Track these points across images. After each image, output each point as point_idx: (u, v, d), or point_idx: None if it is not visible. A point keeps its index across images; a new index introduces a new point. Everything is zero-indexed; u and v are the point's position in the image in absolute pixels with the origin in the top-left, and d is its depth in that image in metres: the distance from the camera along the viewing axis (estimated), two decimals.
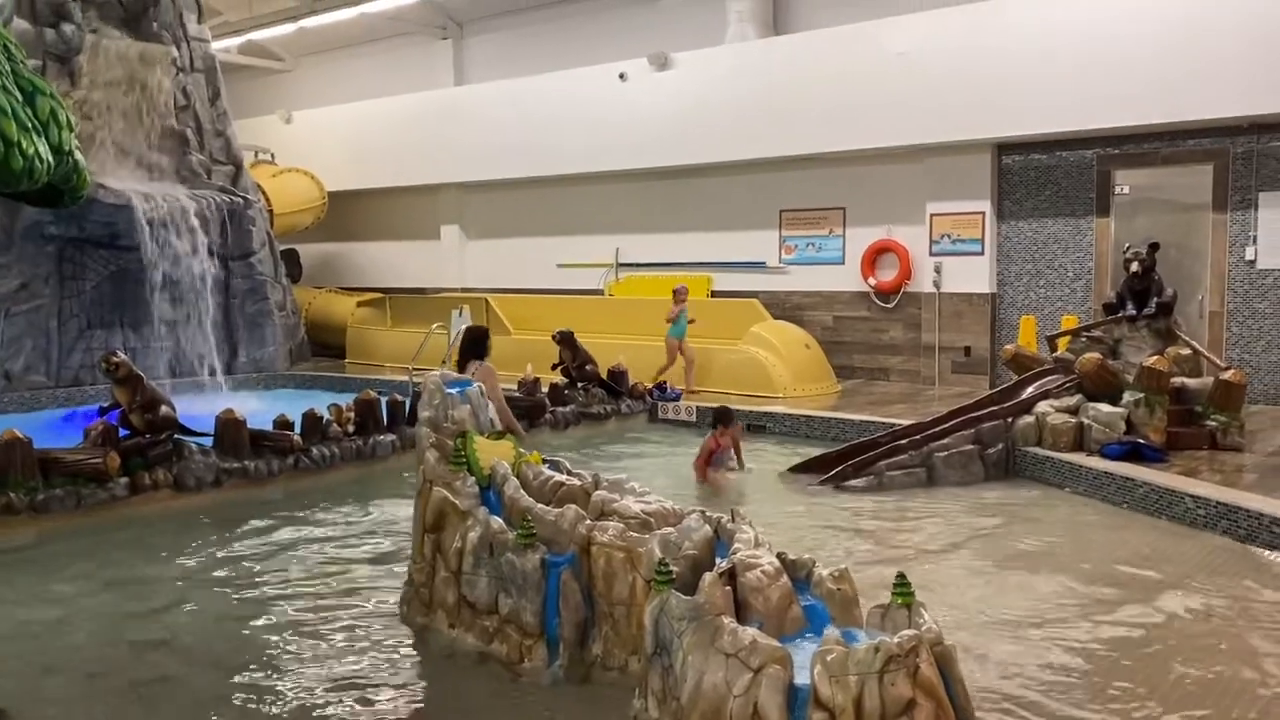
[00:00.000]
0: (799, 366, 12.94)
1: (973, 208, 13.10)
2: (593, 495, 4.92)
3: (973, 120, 12.51)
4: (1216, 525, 6.72)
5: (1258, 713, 4.19)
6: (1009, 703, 4.37)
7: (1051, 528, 7.19)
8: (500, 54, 18.40)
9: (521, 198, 17.92)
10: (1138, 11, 11.31)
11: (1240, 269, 11.49)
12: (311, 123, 19.98)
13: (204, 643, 5.22)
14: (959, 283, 13.29)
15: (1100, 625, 5.24)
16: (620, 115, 15.48)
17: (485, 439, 5.35)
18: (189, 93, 14.96)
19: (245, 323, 15.55)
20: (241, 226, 15.33)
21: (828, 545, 6.86)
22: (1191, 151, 11.73)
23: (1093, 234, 12.37)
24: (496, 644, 4.73)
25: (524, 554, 4.64)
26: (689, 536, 4.48)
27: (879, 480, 8.49)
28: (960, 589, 5.89)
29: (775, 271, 15.09)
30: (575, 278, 17.23)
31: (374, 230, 20.34)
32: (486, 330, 8.58)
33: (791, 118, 13.80)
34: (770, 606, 4.07)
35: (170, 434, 7.63)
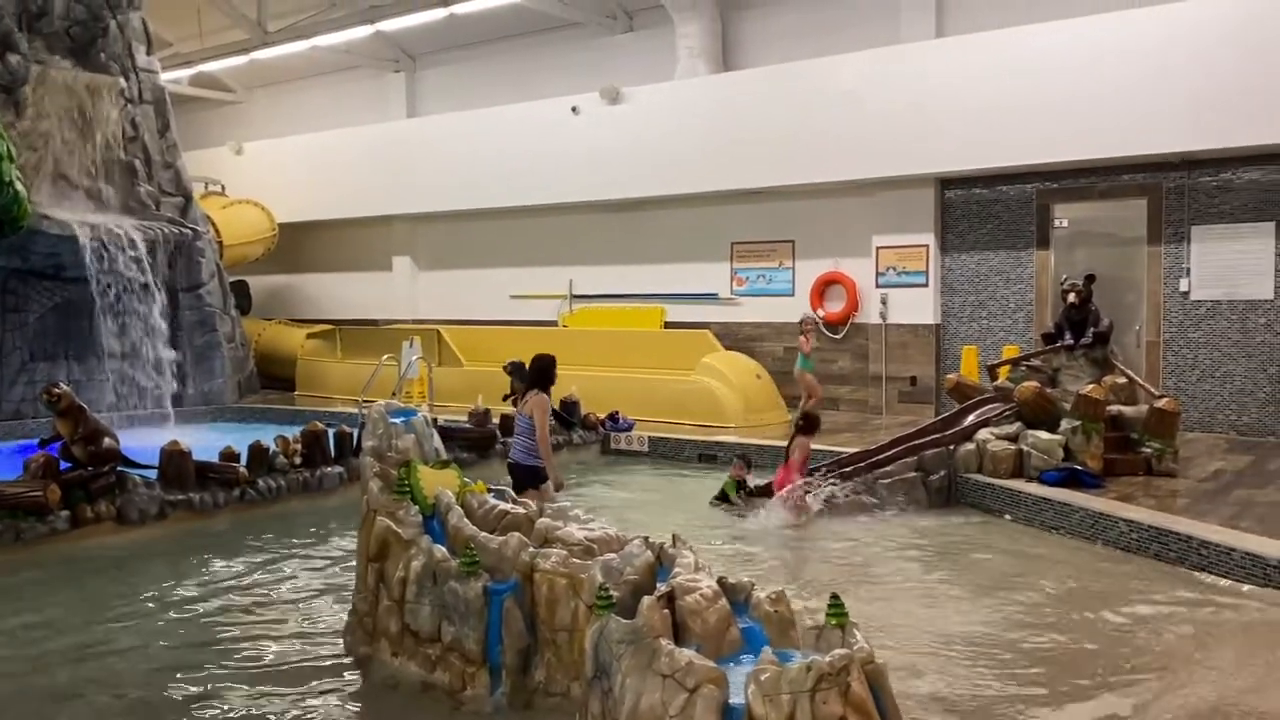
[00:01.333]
0: (750, 396, 13.08)
1: (917, 240, 13.38)
2: (536, 523, 4.96)
3: (916, 155, 12.80)
4: (1149, 548, 6.90)
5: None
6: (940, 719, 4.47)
7: (989, 552, 7.34)
8: (453, 87, 18.51)
9: (474, 229, 17.98)
10: (1075, 51, 11.66)
11: (1175, 300, 11.83)
12: (263, 154, 19.92)
13: (139, 675, 5.17)
14: (905, 314, 13.54)
15: (1031, 644, 5.36)
16: (573, 148, 15.63)
17: (429, 468, 5.37)
18: (137, 124, 14.88)
19: (193, 355, 15.40)
20: (190, 258, 15.24)
21: (768, 569, 6.94)
22: (1126, 186, 12.09)
23: (1033, 266, 12.68)
24: (439, 672, 4.74)
25: (467, 582, 4.67)
26: (630, 562, 4.54)
27: (826, 507, 8.59)
28: (898, 611, 6.00)
29: (727, 303, 15.26)
30: (529, 309, 17.29)
31: (325, 261, 20.27)
32: (553, 359, 7.97)
33: (741, 152, 14.02)
34: (708, 629, 4.13)
35: (113, 466, 7.55)
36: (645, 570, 4.50)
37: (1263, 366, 11.35)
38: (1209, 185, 11.58)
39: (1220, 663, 5.02)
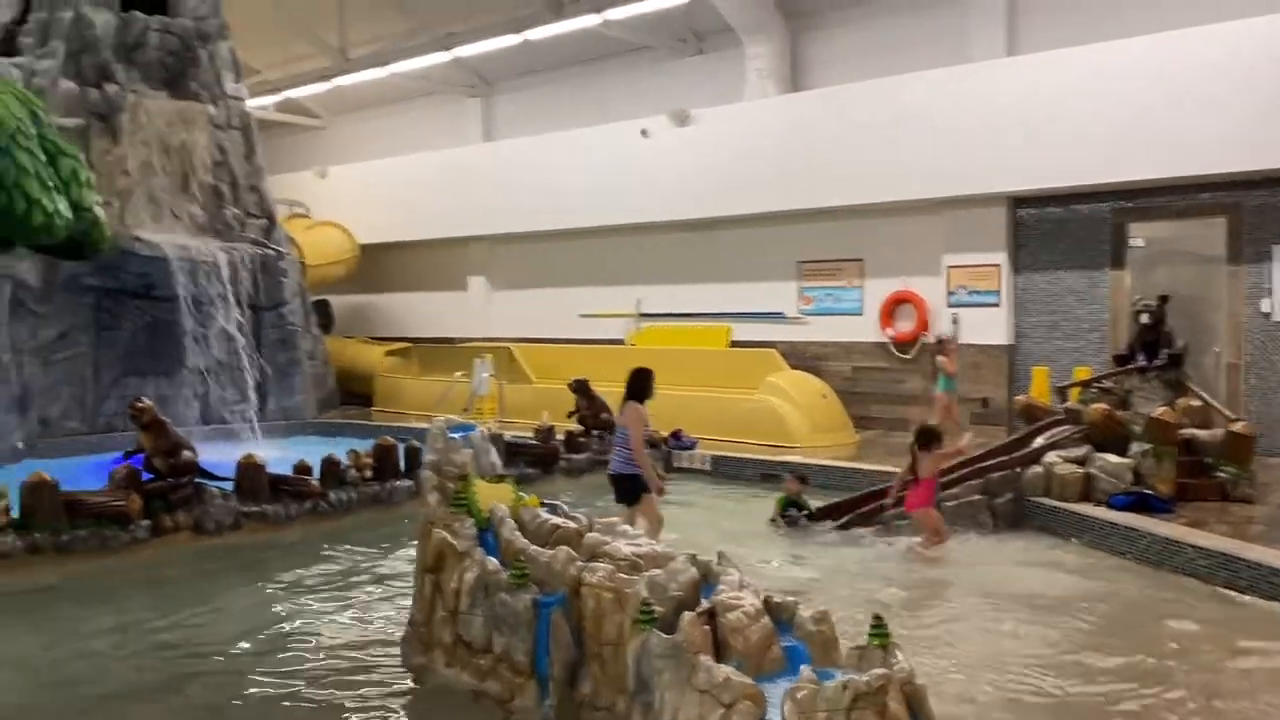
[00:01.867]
0: (816, 416, 13.05)
1: (989, 260, 13.23)
2: (585, 537, 5.07)
3: (988, 174, 12.68)
4: (1218, 575, 6.73)
5: None
6: None
7: (1053, 577, 7.22)
8: (528, 111, 18.87)
9: (546, 249, 18.27)
10: (1150, 67, 11.47)
11: (1256, 321, 11.50)
12: (345, 178, 20.54)
13: (211, 676, 5.40)
14: (976, 334, 13.37)
15: (1090, 672, 5.28)
16: (642, 170, 15.82)
17: (486, 482, 5.52)
18: (225, 149, 15.46)
19: (275, 371, 15.86)
20: (273, 278, 15.73)
21: (832, 590, 6.93)
22: (1205, 204, 11.81)
23: (1108, 286, 12.44)
24: (490, 682, 4.87)
25: (516, 594, 4.79)
26: (675, 578, 4.60)
27: (885, 530, 8.55)
28: (956, 633, 5.95)
29: (794, 322, 15.24)
30: (598, 327, 17.47)
31: (404, 281, 20.77)
32: (650, 372, 8.15)
33: (809, 171, 14.05)
34: (749, 646, 4.19)
35: (191, 478, 7.87)
36: (689, 587, 4.56)
37: None
38: None
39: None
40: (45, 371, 13.59)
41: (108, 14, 14.26)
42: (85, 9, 14.04)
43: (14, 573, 6.86)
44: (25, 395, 13.30)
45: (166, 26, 14.73)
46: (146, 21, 14.54)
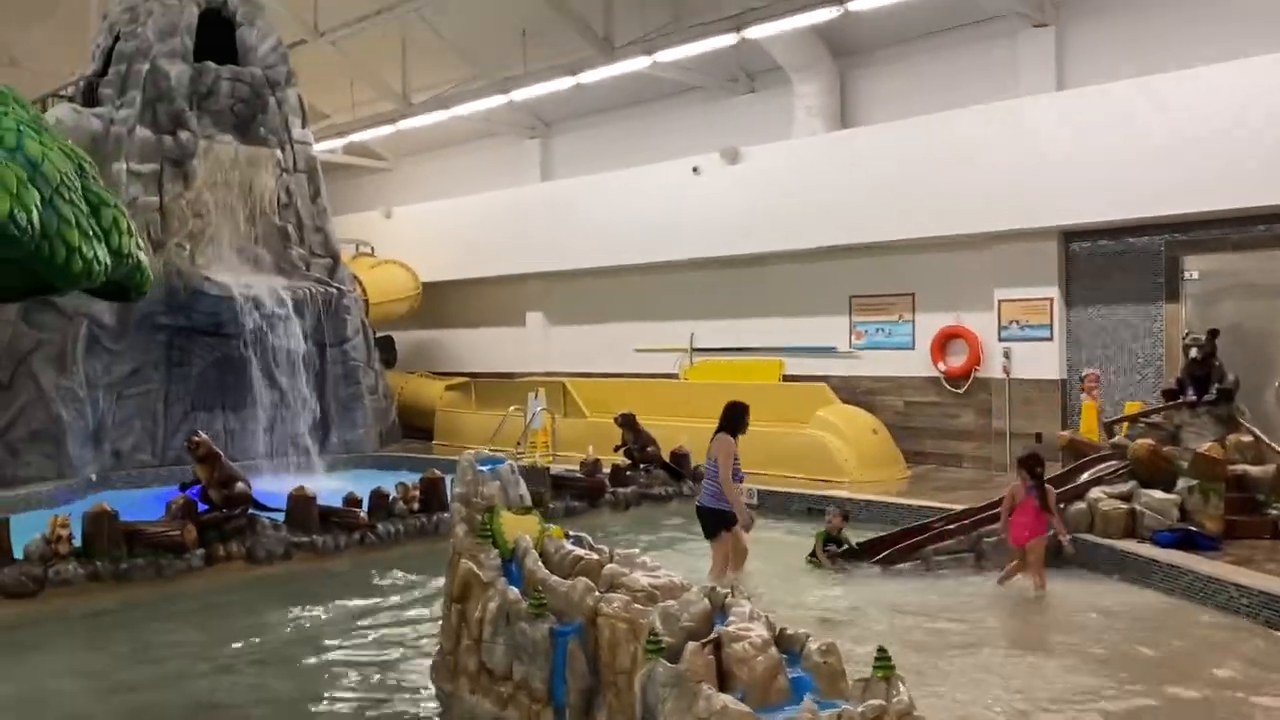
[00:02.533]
0: (865, 451, 13.02)
1: (1041, 294, 13.12)
2: (604, 569, 5.20)
3: (1038, 208, 12.62)
4: (1259, 614, 6.61)
5: None
6: None
7: (1089, 615, 7.14)
8: (584, 151, 19.25)
9: (602, 285, 18.54)
10: (1199, 99, 11.36)
11: None
12: (409, 217, 21.13)
13: (255, 697, 5.65)
14: (1029, 369, 13.25)
15: (1115, 706, 5.24)
16: (694, 206, 16.02)
17: (512, 514, 5.70)
18: (291, 191, 16.07)
19: (338, 405, 16.33)
20: (337, 315, 16.24)
21: (861, 625, 6.96)
22: (1261, 236, 11.61)
23: (1162, 320, 12.26)
24: (510, 710, 5.01)
25: (534, 624, 4.94)
26: (687, 609, 4.71)
27: (925, 565, 8.53)
28: (983, 672, 5.94)
29: (846, 356, 15.25)
30: (652, 362, 17.65)
31: (465, 318, 21.23)
32: (745, 406, 8.37)
33: (859, 207, 14.11)
34: (755, 676, 4.27)
35: (245, 509, 8.19)
36: (701, 618, 4.66)
37: None
38: None
39: None
40: (118, 406, 14.19)
41: (182, 65, 14.97)
42: (161, 61, 14.76)
43: (75, 598, 7.23)
44: (99, 429, 13.91)
45: (237, 75, 15.40)
46: (218, 71, 15.22)
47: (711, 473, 7.99)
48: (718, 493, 7.86)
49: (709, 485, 7.97)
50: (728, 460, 7.77)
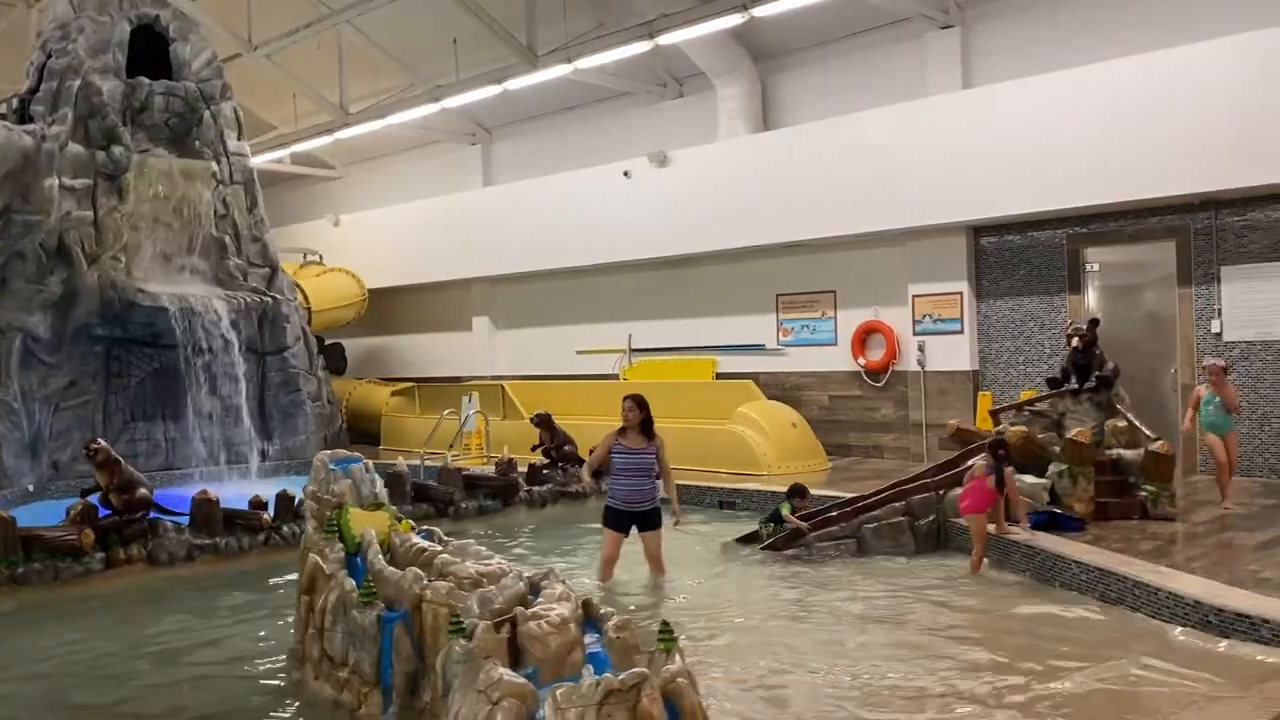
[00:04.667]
0: (785, 444, 13.35)
1: (951, 288, 13.48)
2: (437, 558, 5.50)
3: (948, 204, 12.97)
4: (1095, 589, 6.94)
5: None
6: None
7: (945, 595, 7.46)
8: (523, 156, 19.54)
9: (545, 289, 18.85)
10: (1098, 96, 11.68)
11: (1207, 341, 11.60)
12: (357, 225, 21.39)
13: (132, 689, 5.93)
14: (942, 361, 13.61)
15: (925, 679, 5.56)
16: (627, 210, 16.34)
17: (361, 510, 5.99)
18: (228, 203, 16.30)
19: (279, 413, 16.56)
20: (276, 324, 16.47)
21: (735, 609, 7.28)
22: (1155, 229, 11.98)
23: (1066, 310, 12.61)
24: (345, 693, 5.31)
25: (364, 611, 5.24)
26: (502, 593, 5.03)
27: (809, 551, 8.85)
28: (812, 641, 6.27)
29: (774, 353, 15.59)
30: (595, 363, 17.95)
31: (414, 323, 21.50)
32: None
33: (782, 207, 14.44)
34: (548, 652, 4.57)
35: (145, 513, 8.45)
36: (513, 600, 4.97)
37: None
38: (1236, 225, 11.39)
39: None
40: (56, 418, 14.40)
41: (114, 80, 15.19)
42: (93, 77, 14.98)
43: None
44: (36, 441, 14.13)
45: (171, 90, 15.62)
46: (151, 86, 15.44)
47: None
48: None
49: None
50: (600, 446, 7.95)
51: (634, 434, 7.92)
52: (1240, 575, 6.65)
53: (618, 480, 7.93)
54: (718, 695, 5.38)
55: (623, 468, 7.91)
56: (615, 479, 7.95)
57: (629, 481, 7.89)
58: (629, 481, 7.89)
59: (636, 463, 7.89)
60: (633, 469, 7.89)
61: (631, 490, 7.90)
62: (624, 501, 7.91)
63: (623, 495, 7.92)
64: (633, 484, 7.91)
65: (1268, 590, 6.19)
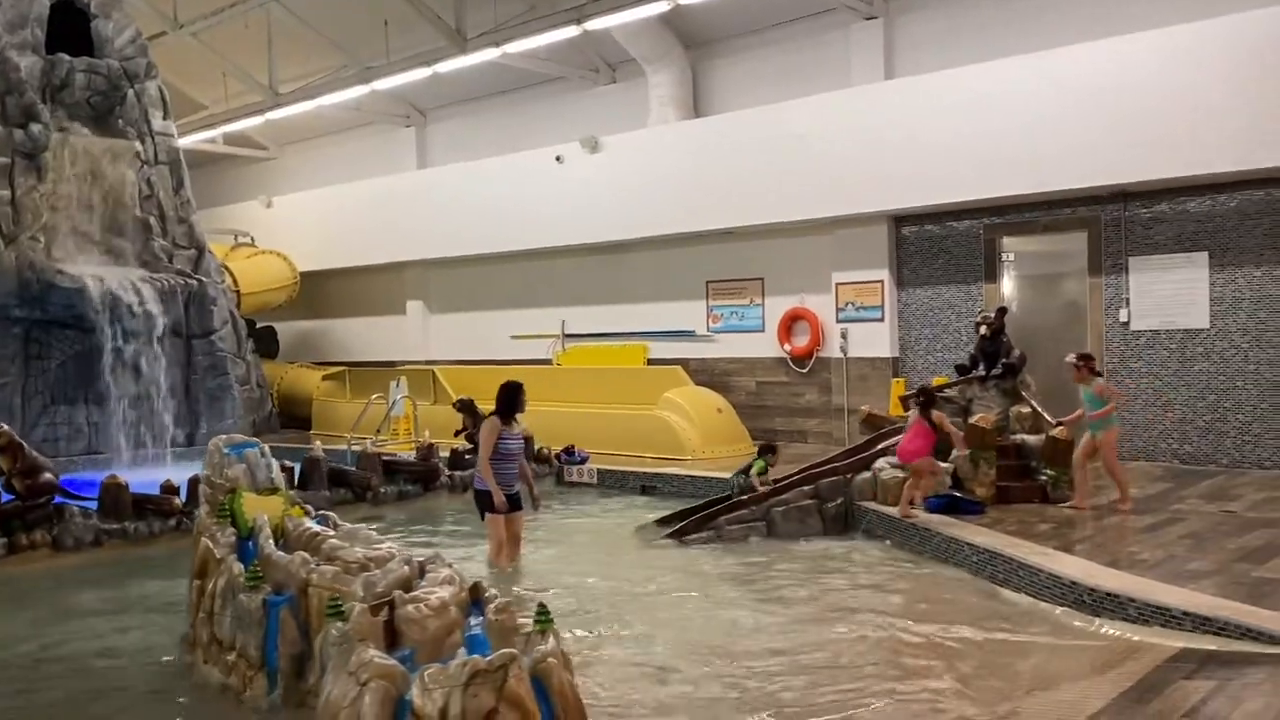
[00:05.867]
0: (709, 430, 13.50)
1: (873, 276, 13.70)
2: (326, 543, 5.55)
3: (869, 194, 13.15)
4: (984, 570, 7.16)
5: None
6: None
7: (845, 576, 7.65)
8: (459, 139, 19.45)
9: (479, 273, 18.81)
10: (1015, 89, 11.88)
11: (1116, 330, 11.93)
12: (290, 206, 21.15)
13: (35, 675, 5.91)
14: (863, 348, 13.84)
15: (800, 659, 5.71)
16: (559, 195, 16.35)
17: (255, 495, 6.01)
18: (153, 183, 16.05)
19: (206, 397, 16.38)
20: (203, 306, 16.27)
21: (640, 592, 7.40)
22: (1067, 219, 12.27)
23: (983, 299, 12.87)
24: (232, 676, 5.34)
25: (250, 594, 5.27)
26: (386, 576, 5.09)
27: (718, 534, 9.00)
28: (693, 621, 6.42)
29: (704, 340, 15.73)
30: (529, 349, 17.97)
31: (348, 307, 21.35)
32: (518, 386, 8.30)
33: (709, 194, 14.55)
34: (426, 635, 4.66)
35: (50, 498, 8.36)
36: (397, 583, 5.04)
37: (1201, 395, 11.38)
38: (1144, 217, 11.71)
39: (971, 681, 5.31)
40: None
41: (33, 57, 14.89)
42: (10, 53, 14.66)
43: None
44: None
45: (93, 67, 15.32)
46: (72, 63, 15.15)
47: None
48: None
49: (479, 468, 8.18)
50: (487, 440, 7.94)
51: (511, 420, 8.18)
52: (1119, 557, 6.90)
53: (504, 464, 8.08)
54: (604, 676, 5.49)
55: (509, 452, 8.12)
56: (503, 463, 8.06)
57: (511, 465, 8.17)
58: (511, 465, 8.17)
59: (517, 448, 8.24)
60: (515, 453, 8.21)
61: (512, 473, 8.19)
62: (509, 485, 8.13)
63: (508, 479, 8.12)
64: (513, 467, 8.20)
65: (1141, 570, 6.44)
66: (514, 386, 8.23)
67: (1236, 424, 11.18)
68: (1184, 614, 5.47)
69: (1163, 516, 8.41)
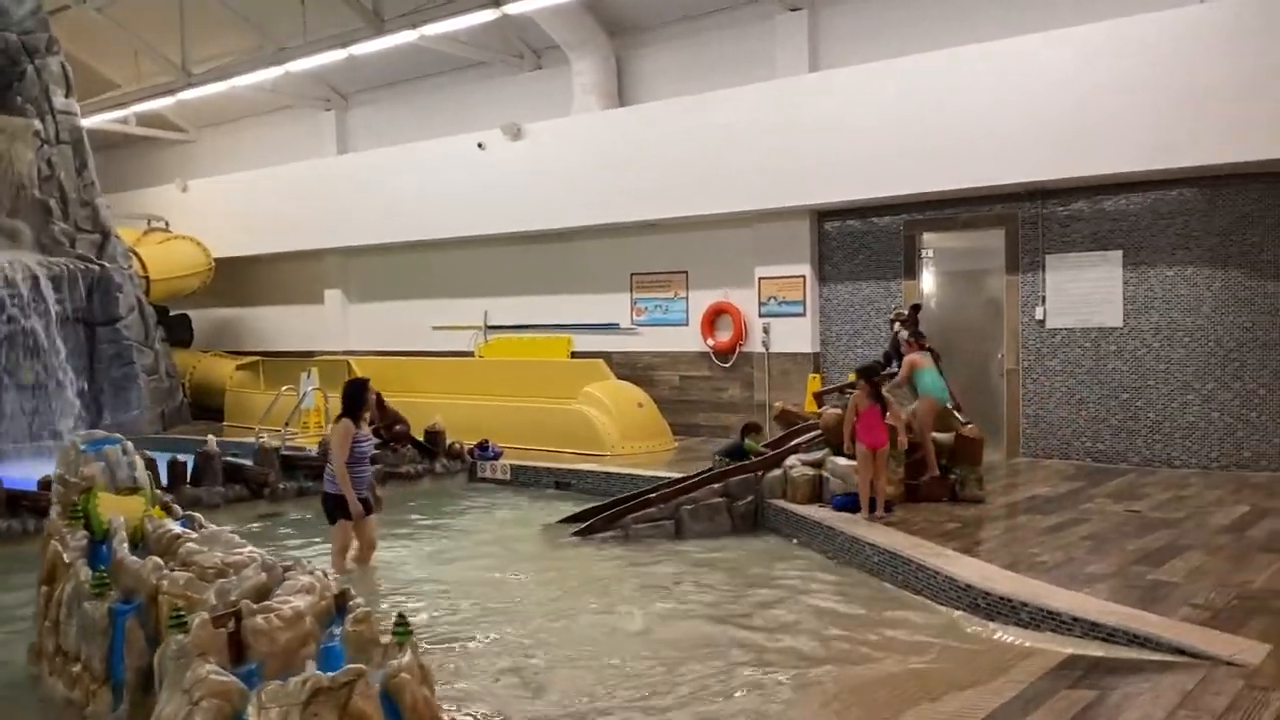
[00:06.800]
0: (629, 424, 13.29)
1: (795, 271, 13.58)
2: (183, 547, 5.20)
3: (792, 188, 13.00)
4: (884, 571, 7.04)
5: None
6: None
7: (746, 577, 7.47)
8: (380, 123, 18.97)
9: (400, 262, 18.37)
10: (935, 84, 11.79)
11: (1032, 328, 11.93)
12: (207, 191, 20.47)
13: None
14: (786, 343, 13.72)
15: (693, 663, 5.52)
16: (481, 183, 15.98)
17: (113, 495, 5.64)
18: (54, 164, 15.37)
19: (111, 387, 15.78)
20: (107, 293, 15.63)
21: (529, 594, 7.15)
22: (985, 216, 12.24)
23: (902, 295, 12.79)
24: (76, 690, 4.99)
25: (95, 603, 4.92)
26: (241, 584, 4.77)
27: (625, 533, 8.79)
28: (600, 634, 6.17)
29: (628, 333, 15.51)
30: (451, 340, 17.60)
31: (265, 295, 20.76)
32: (363, 383, 7.97)
33: (633, 185, 14.30)
34: (276, 647, 4.34)
35: None
36: (252, 591, 4.72)
37: (1114, 393, 11.42)
38: (1061, 215, 11.72)
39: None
40: None
41: None
42: None
43: None
44: None
45: None
46: None
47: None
48: (334, 476, 7.76)
49: (328, 469, 7.82)
50: (342, 445, 7.56)
51: (363, 422, 7.90)
52: (1020, 559, 6.81)
53: (358, 467, 7.74)
54: (473, 686, 5.24)
55: (363, 455, 7.85)
56: (357, 466, 7.73)
57: (364, 468, 7.91)
58: (364, 468, 7.91)
59: (369, 450, 8.02)
60: (368, 456, 7.97)
61: (366, 476, 7.95)
62: (363, 489, 7.82)
63: (362, 482, 7.82)
64: (366, 470, 7.94)
65: (1039, 573, 6.34)
66: (359, 384, 7.94)
67: (1148, 422, 11.24)
68: (1073, 619, 5.36)
69: (1068, 516, 8.37)
